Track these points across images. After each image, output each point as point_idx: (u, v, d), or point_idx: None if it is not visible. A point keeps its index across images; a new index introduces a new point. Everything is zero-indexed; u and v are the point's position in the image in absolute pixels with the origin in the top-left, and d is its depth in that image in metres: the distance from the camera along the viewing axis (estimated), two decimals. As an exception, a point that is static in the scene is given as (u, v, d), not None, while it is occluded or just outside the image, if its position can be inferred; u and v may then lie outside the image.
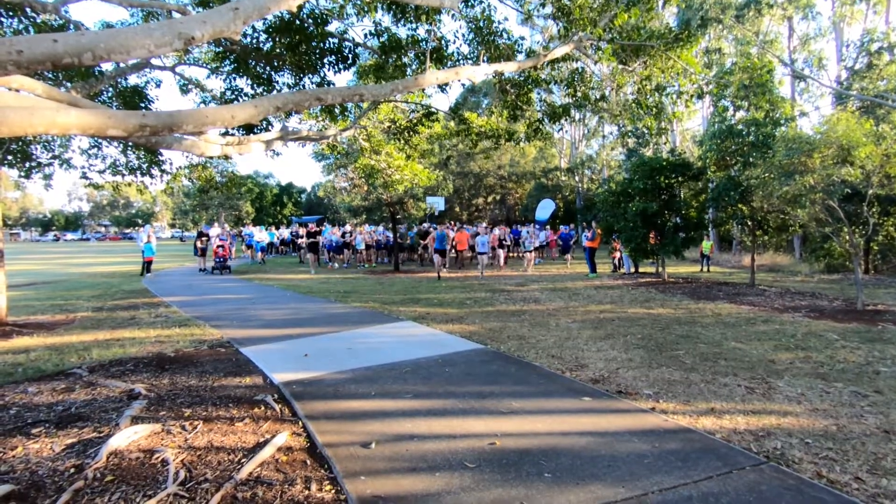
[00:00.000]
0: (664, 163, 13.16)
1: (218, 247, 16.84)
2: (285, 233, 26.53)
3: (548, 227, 21.02)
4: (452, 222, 26.11)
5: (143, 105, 7.38)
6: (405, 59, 6.74)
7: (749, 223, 12.63)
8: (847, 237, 9.70)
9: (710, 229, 17.81)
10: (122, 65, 6.07)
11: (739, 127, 12.55)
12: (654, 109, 6.74)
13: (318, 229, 17.44)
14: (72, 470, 3.12)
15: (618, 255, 16.69)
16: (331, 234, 19.75)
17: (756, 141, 11.80)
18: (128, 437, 3.51)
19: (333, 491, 2.90)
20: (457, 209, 36.67)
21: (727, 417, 3.91)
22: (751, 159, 11.77)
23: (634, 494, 2.80)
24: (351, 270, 17.78)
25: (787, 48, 23.25)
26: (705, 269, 17.40)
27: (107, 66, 6.09)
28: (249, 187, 49.28)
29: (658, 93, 6.57)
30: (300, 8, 5.77)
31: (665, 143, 22.46)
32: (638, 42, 5.89)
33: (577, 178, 33.80)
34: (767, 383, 4.74)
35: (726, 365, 5.36)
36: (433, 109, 8.20)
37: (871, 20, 21.51)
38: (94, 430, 3.73)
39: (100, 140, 7.89)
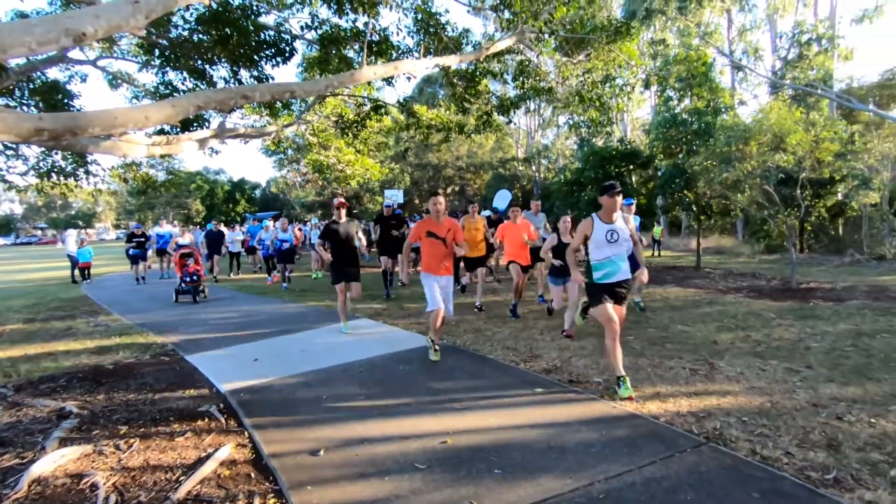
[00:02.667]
0: (614, 152, 13.53)
1: (185, 256, 10.46)
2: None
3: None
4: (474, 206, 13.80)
5: (64, 102, 6.83)
6: (350, 53, 6.55)
7: (694, 208, 13.17)
8: (783, 219, 10.26)
9: (659, 215, 18.45)
10: (32, 59, 5.58)
11: (684, 116, 13.01)
12: (596, 102, 6.86)
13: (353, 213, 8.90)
14: (-12, 503, 2.88)
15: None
16: (270, 230, 13.76)
17: (698, 129, 12.28)
18: (54, 462, 3.27)
19: (278, 504, 2.80)
20: (416, 201, 36.45)
21: (671, 401, 4.04)
22: (694, 147, 12.24)
23: (581, 485, 2.84)
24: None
25: (727, 39, 24.28)
26: (656, 253, 18.05)
27: (17, 61, 5.59)
28: (199, 184, 47.28)
29: (602, 85, 6.68)
30: None
31: (614, 133, 23.06)
32: (580, 34, 5.95)
33: (533, 168, 34.21)
34: (710, 364, 4.94)
35: (672, 348, 5.55)
36: (381, 103, 8.03)
37: (802, 13, 22.75)
38: (17, 455, 3.46)
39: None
